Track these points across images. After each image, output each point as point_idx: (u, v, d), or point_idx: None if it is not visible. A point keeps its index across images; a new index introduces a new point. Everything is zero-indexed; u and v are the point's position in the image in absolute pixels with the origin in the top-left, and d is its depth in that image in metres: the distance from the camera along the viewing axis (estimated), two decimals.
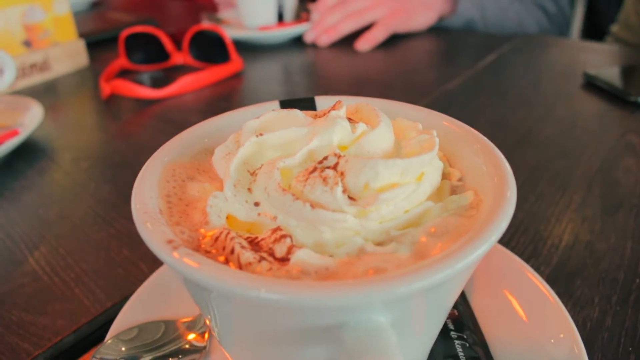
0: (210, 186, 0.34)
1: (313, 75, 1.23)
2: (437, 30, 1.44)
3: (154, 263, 0.57)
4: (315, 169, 0.29)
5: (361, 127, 0.33)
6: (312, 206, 0.28)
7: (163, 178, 0.34)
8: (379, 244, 0.28)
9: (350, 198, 0.29)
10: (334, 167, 0.30)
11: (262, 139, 0.32)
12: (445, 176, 0.35)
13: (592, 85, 0.99)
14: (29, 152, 0.89)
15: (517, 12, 1.52)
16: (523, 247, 0.57)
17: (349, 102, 0.38)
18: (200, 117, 0.94)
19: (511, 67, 1.16)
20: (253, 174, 0.32)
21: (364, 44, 1.30)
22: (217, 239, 0.28)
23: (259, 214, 0.30)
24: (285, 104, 0.41)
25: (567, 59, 1.18)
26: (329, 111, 0.34)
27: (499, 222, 0.27)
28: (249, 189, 0.31)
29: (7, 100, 0.99)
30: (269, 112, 0.34)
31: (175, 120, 0.97)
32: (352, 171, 0.29)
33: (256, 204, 0.30)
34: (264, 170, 0.31)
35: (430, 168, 0.32)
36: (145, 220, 0.28)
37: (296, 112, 0.34)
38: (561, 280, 0.52)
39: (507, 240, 0.58)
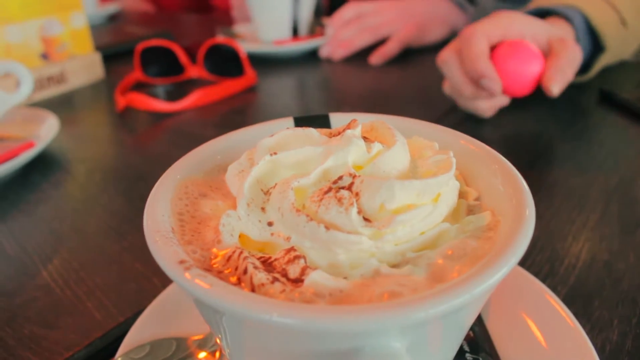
0: (223, 204, 0.34)
1: (327, 90, 1.23)
2: None
3: (167, 277, 0.57)
4: (330, 189, 0.29)
5: (377, 146, 0.32)
6: (327, 227, 0.27)
7: (175, 195, 0.33)
8: (395, 265, 0.28)
9: (366, 219, 0.28)
10: (349, 188, 0.29)
11: (276, 158, 0.32)
12: (461, 195, 0.34)
13: (608, 101, 0.98)
14: (44, 164, 0.89)
15: None
16: (539, 266, 0.56)
17: (364, 120, 0.38)
18: (214, 131, 0.95)
19: None
20: (267, 192, 0.32)
21: (378, 58, 1.30)
22: (229, 258, 0.28)
23: (272, 234, 0.30)
24: (299, 121, 0.41)
25: None
26: (344, 130, 0.34)
27: (518, 245, 0.27)
28: (263, 208, 0.31)
29: (24, 112, 1.00)
30: (283, 130, 0.34)
31: (189, 133, 0.97)
32: (367, 192, 0.29)
33: (269, 224, 0.30)
34: (278, 189, 0.30)
35: (447, 189, 0.31)
36: (157, 240, 0.28)
37: (311, 131, 0.34)
38: (579, 301, 0.51)
39: (523, 259, 0.57)
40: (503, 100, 0.90)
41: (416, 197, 0.29)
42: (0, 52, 1.18)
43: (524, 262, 0.56)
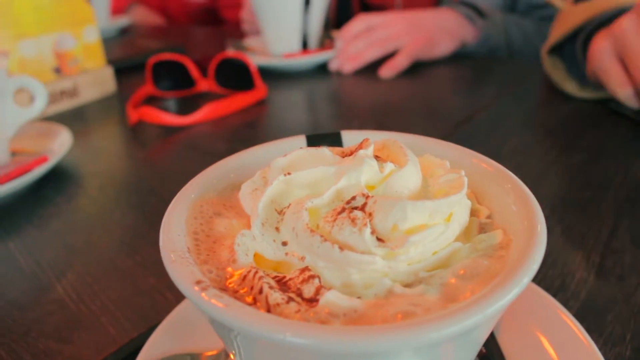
0: (237, 222, 0.34)
1: (337, 103, 1.23)
2: (461, 56, 1.44)
3: (181, 293, 0.57)
4: (343, 209, 0.30)
5: (389, 166, 0.33)
6: (341, 248, 0.28)
7: (190, 214, 0.34)
8: (408, 285, 0.28)
9: (379, 239, 0.29)
10: (362, 208, 0.30)
11: (290, 178, 0.32)
12: (473, 213, 0.34)
13: (617, 113, 0.98)
14: (57, 178, 0.90)
15: (545, 39, 1.51)
16: (550, 281, 0.56)
17: (376, 138, 0.38)
18: (225, 145, 0.95)
19: (536, 95, 1.16)
20: (281, 212, 0.32)
21: (387, 72, 1.31)
22: (245, 278, 0.28)
23: (286, 254, 0.30)
24: (311, 139, 0.41)
25: None
26: (356, 149, 0.34)
27: (530, 265, 0.27)
28: (277, 228, 0.31)
29: (37, 126, 1.01)
30: (297, 150, 0.35)
31: (200, 147, 0.98)
32: (380, 212, 0.29)
33: (284, 244, 0.30)
34: (292, 210, 0.31)
35: (459, 208, 0.31)
36: (174, 260, 0.28)
37: (324, 150, 0.34)
38: (591, 316, 0.51)
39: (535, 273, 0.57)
40: None
41: (428, 217, 0.30)
42: (15, 67, 1.20)
43: (535, 277, 0.56)
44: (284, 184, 0.32)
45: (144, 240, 0.70)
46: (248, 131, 1.05)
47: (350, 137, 0.42)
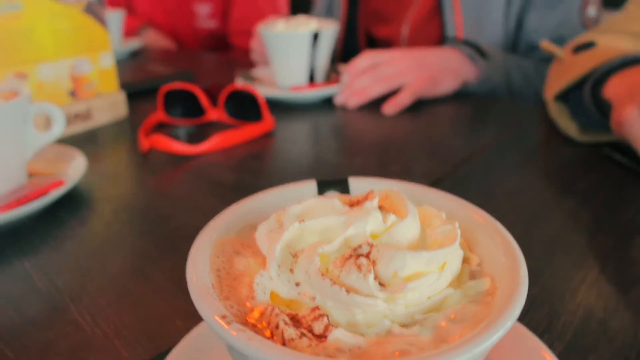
0: (254, 261, 0.38)
1: (341, 137, 1.28)
2: (463, 95, 1.49)
3: (190, 319, 0.61)
4: (350, 256, 0.34)
5: (391, 218, 0.37)
6: (348, 291, 0.32)
7: (213, 253, 0.38)
8: (405, 325, 0.32)
9: (381, 284, 0.33)
10: (367, 255, 0.34)
11: (304, 225, 0.36)
12: (465, 260, 0.38)
13: (612, 159, 1.03)
14: (70, 200, 0.94)
15: (543, 81, 1.55)
16: (538, 322, 0.60)
17: (379, 186, 0.42)
18: (233, 175, 0.99)
19: (534, 137, 1.20)
20: (294, 255, 0.36)
21: (390, 108, 1.35)
22: (263, 314, 0.32)
23: (299, 293, 0.34)
24: (321, 184, 0.46)
25: None
26: (363, 200, 0.38)
27: (513, 310, 0.31)
28: (291, 270, 0.35)
29: (52, 149, 1.05)
30: (310, 199, 0.39)
31: (209, 177, 1.02)
32: (382, 260, 0.33)
33: (297, 284, 0.34)
34: (306, 254, 0.35)
35: (452, 257, 0.36)
36: (201, 295, 0.32)
37: (334, 201, 0.39)
38: (574, 358, 0.55)
39: (523, 314, 0.60)
40: None
41: (425, 265, 0.34)
42: (33, 89, 1.25)
43: (523, 318, 0.60)
44: (298, 230, 0.36)
45: (155, 266, 0.74)
46: (255, 163, 1.10)
47: (356, 184, 0.47)
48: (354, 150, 1.15)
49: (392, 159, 1.08)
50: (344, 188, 0.46)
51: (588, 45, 1.23)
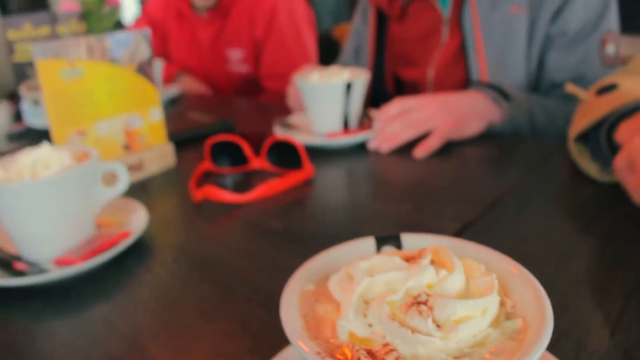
0: (331, 307, 0.48)
1: (375, 181, 1.37)
2: (488, 136, 1.57)
3: (257, 356, 0.70)
4: (412, 303, 0.43)
5: (442, 272, 0.46)
6: (412, 331, 0.41)
7: (299, 301, 0.48)
8: (457, 358, 0.41)
9: (437, 326, 0.42)
10: (425, 303, 0.43)
11: (373, 279, 0.46)
12: (501, 304, 0.47)
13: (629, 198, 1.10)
14: (135, 249, 1.04)
15: (568, 116, 1.56)
16: (565, 353, 0.68)
17: (427, 241, 0.51)
18: (280, 223, 1.09)
19: (559, 176, 1.28)
20: (366, 302, 0.45)
21: (421, 152, 1.44)
22: (346, 349, 0.41)
23: (372, 333, 0.43)
24: (379, 240, 0.55)
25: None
26: (417, 256, 0.48)
27: (541, 345, 0.40)
28: (364, 314, 0.45)
29: (117, 201, 1.16)
30: (375, 256, 0.48)
31: (257, 223, 1.12)
32: (438, 307, 0.43)
33: (370, 325, 0.44)
34: (377, 302, 0.44)
35: (491, 304, 0.44)
36: (297, 337, 0.42)
37: (395, 258, 0.48)
38: None
39: (552, 345, 0.68)
40: None
41: (470, 311, 0.43)
42: (91, 144, 1.37)
43: (552, 347, 0.68)
44: (369, 283, 0.46)
45: (219, 309, 0.83)
46: (298, 209, 1.19)
47: (407, 238, 0.56)
48: (388, 195, 1.24)
49: (424, 203, 1.16)
50: (397, 242, 0.56)
51: (610, 88, 1.27)
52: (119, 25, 2.25)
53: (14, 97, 2.27)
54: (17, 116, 2.13)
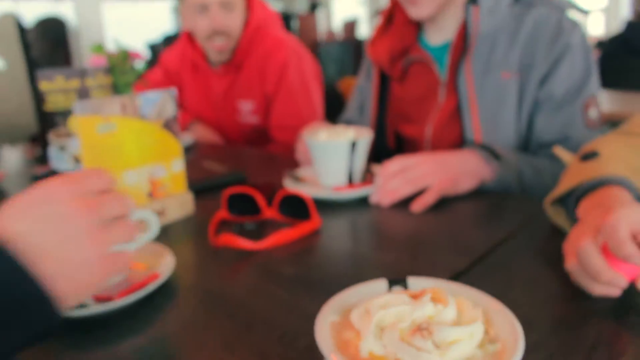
0: (353, 334, 0.61)
1: (377, 233, 1.50)
2: (480, 193, 1.71)
3: None
4: (417, 329, 0.56)
5: (439, 306, 0.60)
6: (417, 350, 0.54)
7: (329, 329, 0.61)
8: None
9: (436, 346, 0.55)
10: (427, 329, 0.56)
11: (386, 311, 0.59)
12: (485, 331, 0.61)
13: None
14: (162, 289, 1.15)
15: (554, 174, 1.67)
16: None
17: (428, 284, 0.65)
18: (294, 269, 1.23)
19: (543, 230, 1.40)
20: (382, 329, 0.59)
21: (418, 207, 1.58)
22: None
23: (386, 351, 0.56)
24: (391, 282, 0.69)
25: None
26: (420, 295, 0.61)
27: None
28: (380, 338, 0.58)
29: (150, 248, 1.28)
30: (387, 294, 0.62)
31: (271, 269, 1.23)
32: (436, 332, 0.57)
33: (384, 346, 0.57)
34: (389, 329, 0.58)
35: (477, 331, 0.58)
36: (330, 351, 0.55)
37: (403, 295, 0.62)
38: None
39: None
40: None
41: (461, 335, 0.56)
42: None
43: None
44: (383, 315, 0.59)
45: (241, 342, 0.93)
46: (308, 257, 1.32)
47: (413, 281, 0.70)
48: (390, 247, 1.37)
49: (420, 254, 1.29)
50: (404, 284, 0.70)
51: (592, 155, 1.34)
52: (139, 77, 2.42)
53: (35, 141, 2.41)
54: (42, 159, 2.26)
